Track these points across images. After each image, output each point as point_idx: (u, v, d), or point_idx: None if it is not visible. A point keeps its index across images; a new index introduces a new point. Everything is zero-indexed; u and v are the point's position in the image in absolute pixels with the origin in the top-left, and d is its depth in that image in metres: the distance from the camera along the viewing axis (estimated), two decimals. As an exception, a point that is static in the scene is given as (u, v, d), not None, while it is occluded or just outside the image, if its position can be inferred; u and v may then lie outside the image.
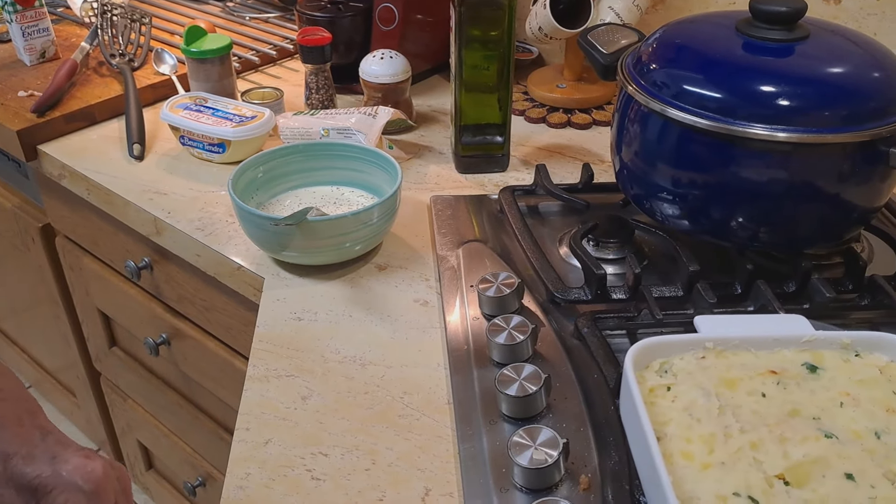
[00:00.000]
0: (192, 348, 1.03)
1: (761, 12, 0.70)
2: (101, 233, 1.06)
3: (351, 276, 0.78)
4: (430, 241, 0.84)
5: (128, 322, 1.15)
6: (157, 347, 1.06)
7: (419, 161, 1.00)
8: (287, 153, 0.85)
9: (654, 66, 0.73)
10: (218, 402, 1.07)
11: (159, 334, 1.07)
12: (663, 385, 0.50)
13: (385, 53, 1.03)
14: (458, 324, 0.70)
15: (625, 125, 0.76)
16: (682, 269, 0.71)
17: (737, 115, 0.66)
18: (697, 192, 0.71)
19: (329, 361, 0.67)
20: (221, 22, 1.33)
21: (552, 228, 0.84)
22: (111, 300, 1.15)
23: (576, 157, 1.01)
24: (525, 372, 0.59)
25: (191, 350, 1.04)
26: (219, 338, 0.98)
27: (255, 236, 0.77)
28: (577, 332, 0.67)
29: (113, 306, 1.16)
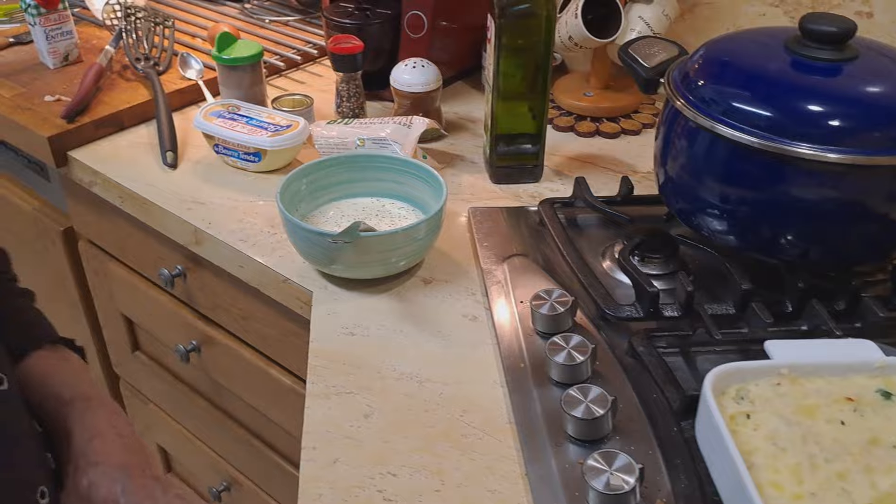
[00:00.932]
0: (224, 356, 1.03)
1: (812, 32, 0.70)
2: (129, 239, 1.06)
3: (398, 290, 0.78)
4: (471, 253, 0.84)
5: (155, 328, 1.14)
6: (187, 354, 1.05)
7: (452, 171, 1.00)
8: (330, 165, 0.85)
9: (703, 81, 0.74)
10: (249, 409, 1.06)
11: (189, 341, 1.06)
12: (742, 412, 0.51)
13: (417, 62, 1.03)
14: (512, 341, 0.70)
15: (671, 139, 0.77)
16: (732, 287, 0.72)
17: (787, 133, 0.67)
18: (746, 208, 0.72)
19: (386, 378, 0.68)
20: (241, 25, 1.32)
21: (592, 241, 0.85)
22: (138, 306, 1.14)
23: (608, 168, 1.01)
24: (591, 394, 0.59)
25: (222, 357, 1.04)
26: (255, 347, 0.98)
27: (304, 250, 0.77)
28: (632, 350, 0.68)
29: (139, 312, 1.15)
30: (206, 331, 1.03)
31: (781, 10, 1.02)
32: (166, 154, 0.97)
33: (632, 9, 1.06)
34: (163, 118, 1.01)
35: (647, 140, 1.08)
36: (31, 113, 1.02)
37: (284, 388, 0.97)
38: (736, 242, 0.74)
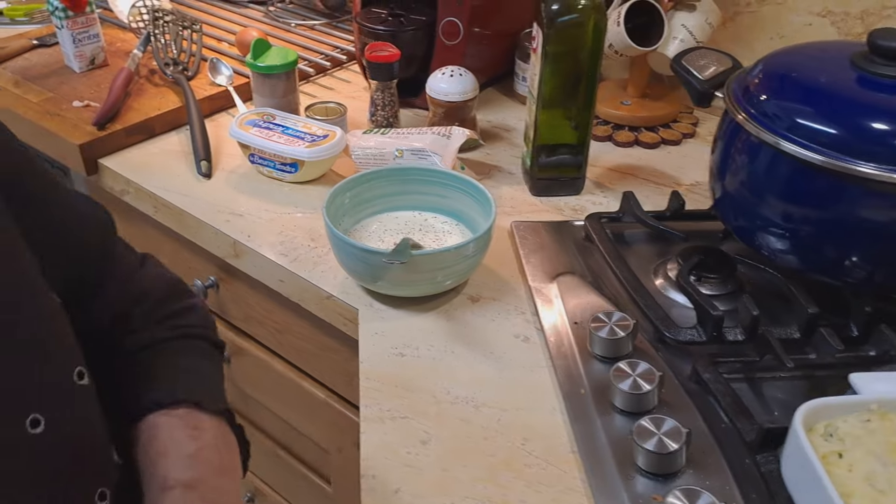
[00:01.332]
0: (255, 367, 1.01)
1: (881, 48, 0.68)
2: (159, 248, 1.03)
3: (445, 308, 0.76)
4: (517, 270, 0.82)
5: (181, 339, 1.12)
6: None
7: (490, 182, 0.97)
8: (373, 178, 0.82)
9: (766, 96, 0.72)
10: (278, 421, 1.04)
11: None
12: (834, 451, 0.48)
13: (454, 70, 1.00)
14: (569, 365, 0.68)
15: (730, 153, 0.75)
16: (797, 310, 0.70)
17: (853, 152, 0.65)
18: (809, 228, 0.69)
19: (441, 402, 0.65)
20: (267, 28, 1.29)
21: (642, 258, 0.82)
22: (163, 317, 1.12)
23: (649, 180, 0.99)
24: (665, 426, 0.57)
25: (254, 369, 1.01)
26: (289, 360, 0.95)
27: (351, 267, 0.75)
28: (697, 376, 0.66)
29: (165, 323, 1.13)
30: (236, 341, 1.01)
31: (829, 20, 1.00)
32: (200, 163, 0.95)
33: (674, 17, 1.04)
34: (195, 126, 0.98)
35: (687, 151, 1.06)
36: (60, 119, 1.00)
37: (318, 401, 0.95)
38: (798, 263, 0.72)
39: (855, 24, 0.98)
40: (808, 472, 0.46)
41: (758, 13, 1.06)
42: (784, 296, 0.73)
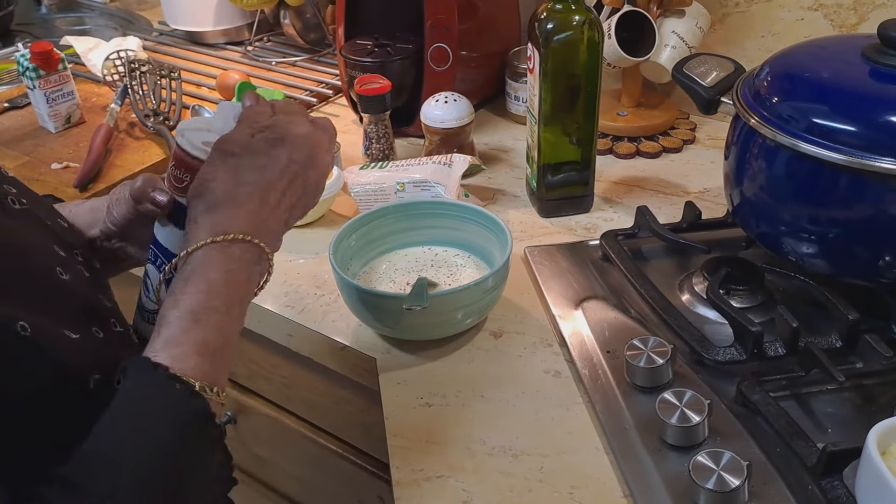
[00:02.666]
0: (264, 426, 0.96)
1: (893, 39, 0.65)
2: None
3: (467, 349, 0.72)
4: (537, 298, 0.78)
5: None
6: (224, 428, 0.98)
7: (496, 207, 0.94)
8: (378, 216, 0.79)
9: (778, 97, 0.69)
10: (293, 480, 1.00)
11: (224, 413, 0.99)
12: (916, 476, 0.45)
13: (448, 96, 0.97)
14: (608, 398, 0.64)
15: (745, 159, 0.72)
16: (836, 318, 0.66)
17: (875, 148, 0.62)
18: (837, 230, 0.67)
19: (477, 454, 0.61)
20: (247, 69, 1.26)
21: (664, 273, 0.79)
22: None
23: (657, 190, 0.96)
24: (723, 461, 0.53)
25: (262, 428, 0.97)
26: (300, 415, 0.91)
27: (365, 315, 0.71)
28: (742, 398, 0.62)
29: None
30: (242, 400, 0.96)
31: (821, 13, 0.98)
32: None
33: (664, 24, 1.01)
34: (183, 178, 0.94)
35: (689, 157, 1.04)
36: (40, 184, 0.96)
37: (334, 456, 0.90)
38: (829, 268, 0.69)
39: (849, 16, 0.96)
40: (890, 501, 0.43)
41: (747, 13, 1.04)
42: (818, 303, 0.70)
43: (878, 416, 0.52)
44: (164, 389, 0.43)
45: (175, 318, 0.46)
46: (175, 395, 0.43)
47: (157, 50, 1.36)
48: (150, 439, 0.42)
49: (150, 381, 0.43)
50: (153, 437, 0.42)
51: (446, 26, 1.00)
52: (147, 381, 0.44)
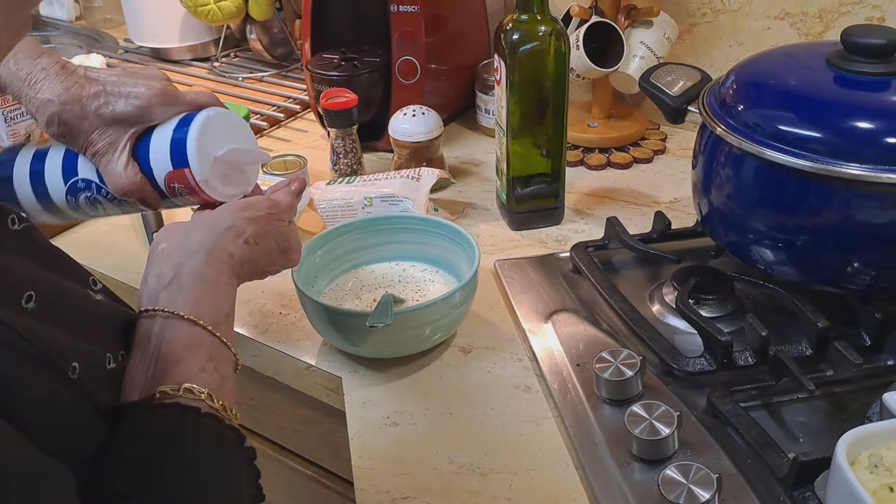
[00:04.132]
0: (234, 448, 0.94)
1: (857, 45, 0.66)
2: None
3: (436, 365, 0.71)
4: (507, 312, 0.77)
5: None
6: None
7: (466, 220, 0.93)
8: (343, 232, 0.77)
9: (744, 105, 0.69)
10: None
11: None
12: (885, 486, 0.44)
13: (416, 110, 0.96)
14: (578, 413, 0.63)
15: (713, 168, 0.72)
16: (805, 326, 0.66)
17: (840, 154, 0.62)
18: (805, 237, 0.66)
19: (444, 474, 0.60)
20: (214, 86, 1.24)
21: (634, 284, 0.78)
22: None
23: (628, 201, 0.96)
24: (693, 474, 0.52)
25: (233, 450, 0.94)
26: (269, 438, 0.89)
27: (329, 333, 0.69)
28: (713, 408, 0.61)
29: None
30: (213, 422, 0.94)
31: (787, 22, 0.98)
32: (153, 236, 0.88)
33: (632, 34, 1.01)
34: (146, 196, 0.92)
35: (660, 168, 1.03)
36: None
37: (303, 477, 0.88)
38: (798, 275, 0.69)
39: (814, 24, 0.97)
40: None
41: (714, 22, 1.04)
42: (788, 311, 0.70)
43: (850, 424, 0.51)
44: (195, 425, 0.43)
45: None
46: (208, 429, 0.44)
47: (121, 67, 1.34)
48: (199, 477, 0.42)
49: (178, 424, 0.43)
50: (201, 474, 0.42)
51: (413, 39, 1.00)
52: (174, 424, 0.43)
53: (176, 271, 0.50)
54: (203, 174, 0.55)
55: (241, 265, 0.54)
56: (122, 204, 0.58)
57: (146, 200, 0.57)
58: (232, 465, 0.44)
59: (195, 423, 0.43)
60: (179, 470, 0.42)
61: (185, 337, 0.47)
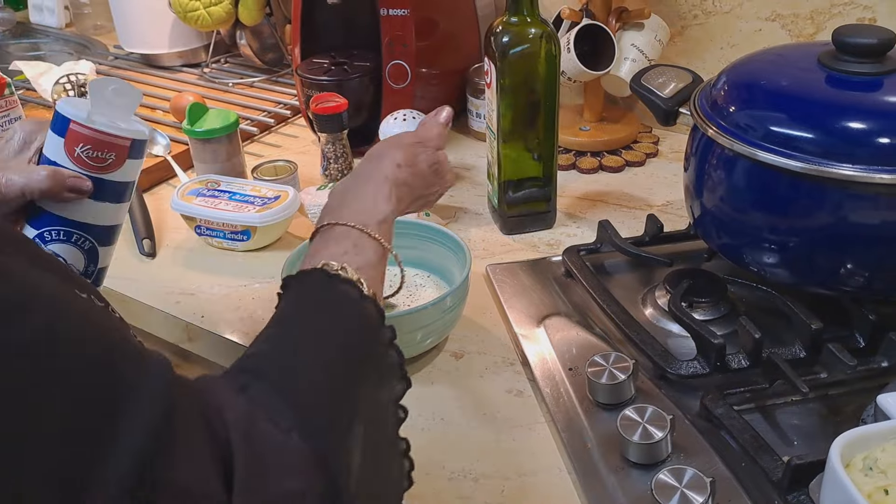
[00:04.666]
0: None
1: (849, 45, 0.65)
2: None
3: (427, 371, 0.70)
4: (499, 317, 0.77)
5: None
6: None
7: (457, 225, 0.93)
8: (334, 238, 0.76)
9: (735, 106, 0.69)
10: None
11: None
12: (880, 488, 0.43)
13: (407, 114, 0.96)
14: (570, 417, 0.62)
15: (705, 170, 0.71)
16: (799, 328, 0.65)
17: (832, 155, 0.62)
18: (798, 239, 0.66)
19: (436, 479, 0.59)
20: (204, 91, 1.23)
21: (627, 288, 0.78)
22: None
23: (620, 204, 0.95)
24: (686, 478, 0.52)
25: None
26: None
27: (320, 339, 0.68)
28: (706, 412, 0.61)
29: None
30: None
31: (778, 23, 0.98)
32: (142, 242, 0.88)
33: (623, 37, 1.01)
34: (134, 203, 0.92)
35: (652, 171, 1.03)
36: (-14, 211, 0.92)
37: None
38: (791, 277, 0.68)
39: (806, 25, 0.97)
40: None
41: (706, 24, 1.04)
42: (781, 313, 0.69)
43: (844, 426, 0.51)
44: (335, 289, 0.47)
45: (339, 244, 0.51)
46: (348, 295, 0.47)
47: (112, 74, 1.34)
48: (330, 338, 0.45)
49: (321, 283, 0.47)
50: (333, 336, 0.45)
51: (404, 43, 0.99)
52: (317, 284, 0.48)
53: (340, 198, 0.57)
54: (85, 115, 0.55)
55: (398, 187, 0.59)
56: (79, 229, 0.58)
57: (74, 186, 0.56)
58: (371, 334, 0.47)
59: (335, 285, 0.47)
60: (320, 320, 0.46)
61: (335, 234, 0.53)
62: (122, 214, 0.60)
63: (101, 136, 0.55)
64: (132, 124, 0.57)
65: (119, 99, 0.56)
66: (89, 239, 0.58)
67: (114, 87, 0.56)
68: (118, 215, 0.60)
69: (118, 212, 0.59)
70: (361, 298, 0.47)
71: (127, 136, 0.56)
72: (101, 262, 0.60)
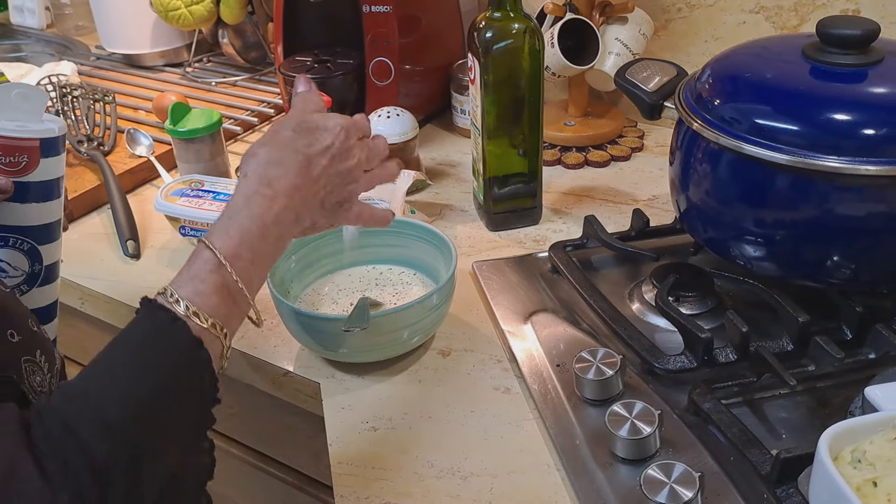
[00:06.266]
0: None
1: (833, 36, 0.65)
2: (89, 344, 0.94)
3: (415, 369, 0.70)
4: (486, 314, 0.76)
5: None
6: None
7: (443, 222, 0.92)
8: (319, 237, 0.76)
9: (720, 100, 0.68)
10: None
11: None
12: (868, 481, 0.43)
13: (391, 111, 0.95)
14: (558, 413, 0.62)
15: (690, 164, 0.71)
16: (786, 321, 0.65)
17: (817, 147, 0.61)
18: (784, 232, 0.66)
19: (425, 478, 0.59)
20: (186, 91, 1.22)
21: (614, 283, 0.78)
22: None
23: (606, 199, 0.95)
24: (675, 473, 0.51)
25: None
26: (248, 445, 0.87)
27: (305, 339, 0.68)
28: (694, 406, 0.61)
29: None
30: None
31: (762, 16, 0.98)
32: (126, 244, 0.87)
33: (607, 31, 1.01)
34: (117, 204, 0.91)
35: (638, 165, 1.03)
36: (-34, 215, 0.91)
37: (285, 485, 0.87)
38: (777, 270, 0.68)
39: (790, 17, 0.97)
40: (846, 511, 0.41)
41: (690, 18, 1.04)
42: (769, 306, 0.69)
43: (832, 419, 0.51)
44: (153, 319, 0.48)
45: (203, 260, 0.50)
46: (161, 323, 0.48)
47: (94, 75, 1.32)
48: (143, 364, 0.46)
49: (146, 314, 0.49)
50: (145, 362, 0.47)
51: (387, 40, 0.99)
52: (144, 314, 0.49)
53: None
54: None
55: (266, 188, 0.55)
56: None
57: None
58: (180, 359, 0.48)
59: (151, 311, 0.49)
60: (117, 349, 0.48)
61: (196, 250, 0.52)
62: (57, 210, 0.61)
63: (9, 142, 0.56)
64: (42, 124, 0.58)
65: (25, 103, 0.57)
66: (27, 240, 0.59)
67: (17, 92, 0.57)
68: (51, 212, 0.60)
69: (50, 209, 0.60)
70: (172, 322, 0.48)
71: (35, 136, 0.57)
72: (45, 259, 0.61)
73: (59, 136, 0.59)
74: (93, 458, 0.41)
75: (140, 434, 0.44)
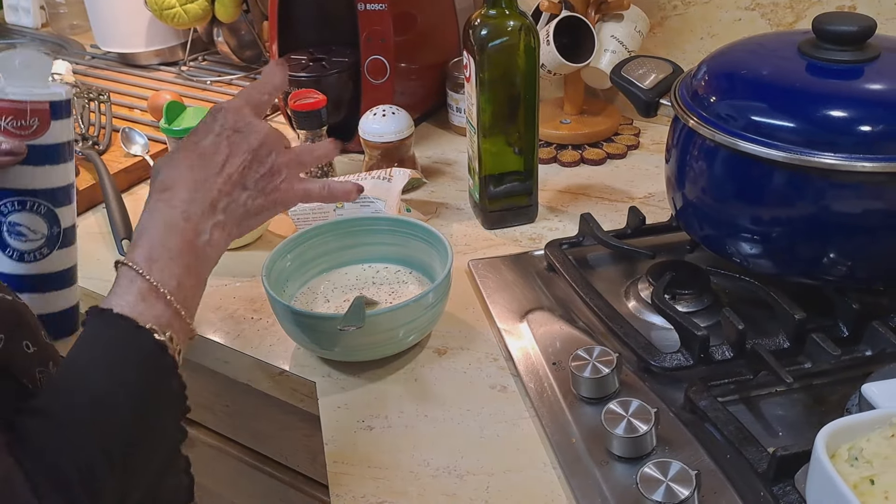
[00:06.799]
0: (209, 458, 0.92)
1: (829, 33, 0.65)
2: (87, 341, 0.94)
3: (411, 367, 0.69)
4: (482, 312, 0.76)
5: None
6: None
7: (439, 221, 0.92)
8: (315, 235, 0.76)
9: (716, 96, 0.68)
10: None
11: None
12: (865, 478, 0.43)
13: (386, 109, 0.95)
14: (555, 412, 0.62)
15: (686, 161, 0.71)
16: (782, 318, 0.65)
17: (815, 144, 0.61)
18: (780, 229, 0.66)
19: (421, 476, 0.59)
20: (181, 90, 1.22)
21: (610, 281, 0.77)
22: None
23: (602, 197, 0.95)
24: (671, 471, 0.51)
25: (207, 460, 0.92)
26: (246, 445, 0.87)
27: (301, 338, 0.68)
28: (691, 404, 0.61)
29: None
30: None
31: (758, 13, 0.98)
32: (122, 243, 0.86)
33: (603, 29, 1.01)
34: (112, 203, 0.90)
35: (634, 163, 1.03)
36: (-41, 215, 0.90)
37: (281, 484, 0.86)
38: (774, 267, 0.68)
39: (786, 14, 0.97)
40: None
41: (685, 15, 1.04)
42: (765, 303, 0.69)
43: (829, 417, 0.51)
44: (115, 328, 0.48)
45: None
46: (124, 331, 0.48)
47: (89, 74, 1.32)
48: (112, 371, 0.47)
49: (105, 323, 0.49)
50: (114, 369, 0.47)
51: (382, 38, 0.98)
52: (102, 324, 0.49)
53: None
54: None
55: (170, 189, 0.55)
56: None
57: (8, 150, 0.57)
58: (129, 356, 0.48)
59: (107, 319, 0.49)
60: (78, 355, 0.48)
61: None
62: (70, 173, 0.62)
63: (20, 105, 0.57)
64: (49, 88, 0.59)
65: (28, 69, 0.58)
66: (44, 203, 0.60)
67: (20, 60, 0.58)
68: (65, 174, 0.61)
69: (64, 171, 0.61)
70: (136, 329, 0.48)
71: (44, 99, 0.58)
72: (63, 222, 0.62)
73: (67, 99, 0.60)
74: (82, 467, 0.42)
75: (123, 442, 0.45)
